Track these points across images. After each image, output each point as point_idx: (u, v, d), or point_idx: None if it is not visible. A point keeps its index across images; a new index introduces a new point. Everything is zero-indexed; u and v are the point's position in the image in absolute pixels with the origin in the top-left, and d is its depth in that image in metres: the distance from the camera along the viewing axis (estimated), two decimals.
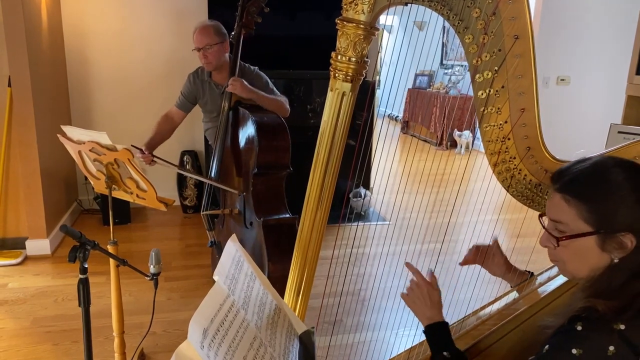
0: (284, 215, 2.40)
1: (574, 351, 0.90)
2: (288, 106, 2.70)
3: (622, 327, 0.90)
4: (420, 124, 8.38)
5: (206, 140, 4.14)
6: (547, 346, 0.95)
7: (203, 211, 2.77)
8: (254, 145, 2.40)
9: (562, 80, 5.78)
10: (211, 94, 2.84)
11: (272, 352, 0.93)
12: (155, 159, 2.60)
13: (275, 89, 2.79)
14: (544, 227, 1.05)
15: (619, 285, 0.94)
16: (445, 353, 1.11)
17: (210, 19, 2.77)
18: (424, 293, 1.20)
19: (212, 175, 2.71)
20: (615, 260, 0.96)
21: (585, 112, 5.77)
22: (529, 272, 1.42)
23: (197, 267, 3.48)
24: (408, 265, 1.27)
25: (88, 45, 4.32)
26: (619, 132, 3.91)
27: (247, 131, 2.51)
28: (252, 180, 2.43)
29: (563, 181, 1.01)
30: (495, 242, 1.43)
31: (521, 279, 1.40)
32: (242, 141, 2.58)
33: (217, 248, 2.83)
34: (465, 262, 1.45)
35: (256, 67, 2.82)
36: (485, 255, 1.42)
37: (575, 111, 5.73)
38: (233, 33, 2.67)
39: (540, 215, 1.07)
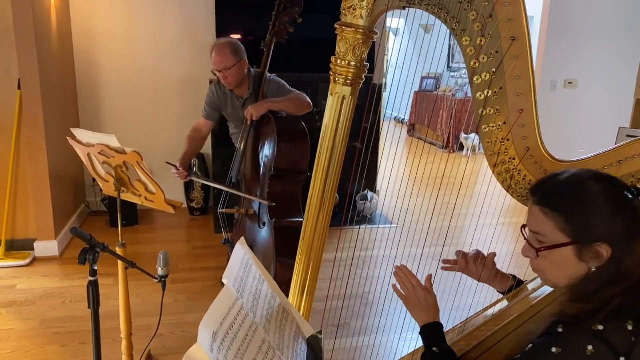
0: (297, 219, 2.41)
1: (553, 349, 0.93)
2: (308, 100, 2.69)
3: (601, 327, 0.92)
4: (427, 126, 8.38)
5: (214, 143, 4.18)
6: (530, 346, 0.99)
7: (220, 209, 2.81)
8: (273, 148, 2.43)
9: (570, 83, 5.75)
10: (233, 106, 2.89)
11: (280, 355, 0.94)
12: (188, 174, 2.76)
13: (290, 88, 2.80)
14: (525, 238, 1.08)
15: (593, 291, 0.97)
16: (434, 349, 1.16)
17: (227, 37, 2.78)
18: (420, 297, 1.24)
19: (232, 175, 2.75)
20: (593, 269, 0.99)
21: (593, 115, 5.74)
22: (512, 275, 1.43)
23: (204, 269, 3.49)
24: (400, 268, 1.29)
25: (97, 48, 4.36)
26: (628, 136, 3.89)
27: (269, 134, 2.54)
28: (269, 182, 2.46)
29: (541, 193, 1.04)
30: (492, 254, 1.44)
31: (506, 282, 1.41)
32: (263, 143, 2.62)
33: (231, 246, 2.85)
34: (449, 268, 1.46)
35: (273, 75, 2.83)
36: (474, 262, 1.42)
37: (583, 114, 5.70)
38: (265, 41, 2.68)
39: (523, 227, 1.09)
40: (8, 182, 3.49)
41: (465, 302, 1.70)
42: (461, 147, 7.56)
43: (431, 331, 1.20)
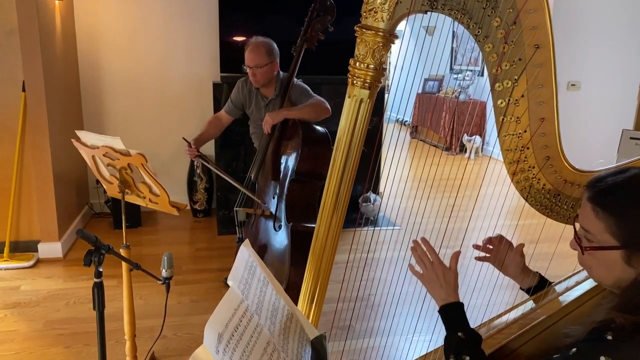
0: (312, 225, 2.42)
1: (602, 358, 0.89)
2: (327, 105, 2.69)
3: None
4: (430, 128, 8.38)
5: (218, 144, 4.18)
6: (574, 349, 0.94)
7: (236, 207, 2.84)
8: (296, 152, 2.44)
9: (573, 85, 5.75)
10: (257, 105, 2.90)
11: (285, 357, 0.93)
12: (199, 154, 2.82)
13: (312, 93, 2.81)
14: (575, 230, 1.04)
15: None
16: (460, 333, 1.10)
17: (264, 37, 2.78)
18: (438, 274, 1.19)
19: (252, 175, 2.78)
20: None
21: (596, 117, 5.74)
22: (538, 273, 1.39)
23: (208, 271, 3.49)
24: (421, 241, 1.23)
25: (100, 50, 4.36)
26: (631, 138, 3.89)
27: (293, 137, 2.55)
28: (289, 186, 2.46)
29: (595, 191, 0.99)
30: (521, 245, 1.40)
31: (532, 279, 1.37)
32: (285, 146, 2.63)
33: None
34: (481, 258, 1.42)
35: (299, 80, 2.85)
36: (503, 250, 1.38)
37: (586, 117, 5.70)
38: (295, 46, 2.69)
39: (576, 217, 1.06)
40: (12, 183, 3.50)
41: (479, 302, 1.69)
42: (464, 149, 7.55)
43: (452, 312, 1.15)
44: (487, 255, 1.42)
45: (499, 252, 1.39)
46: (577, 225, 1.04)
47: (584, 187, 1.04)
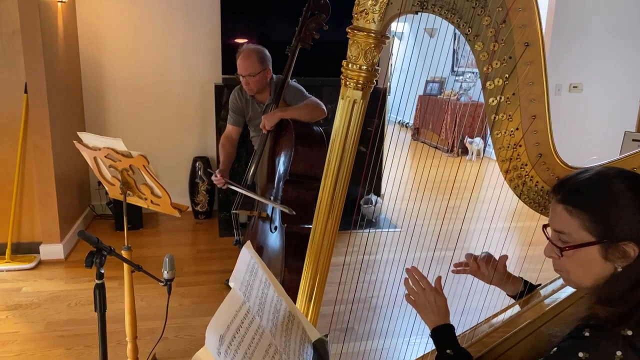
0: (308, 226, 2.42)
1: (580, 354, 0.92)
2: (322, 107, 2.67)
3: (630, 333, 0.91)
4: (431, 130, 8.38)
5: (218, 146, 4.18)
6: (555, 349, 0.97)
7: (233, 209, 2.84)
8: (290, 153, 2.44)
9: (575, 87, 5.74)
10: (253, 111, 2.91)
11: (287, 359, 0.94)
12: (228, 181, 2.80)
13: (307, 94, 2.80)
14: (547, 237, 1.06)
15: (622, 293, 0.96)
16: (448, 351, 1.14)
17: (255, 45, 2.77)
18: (430, 300, 1.22)
19: (248, 177, 2.78)
20: (619, 269, 0.97)
21: (598, 119, 5.72)
22: (522, 278, 1.42)
23: (209, 272, 3.49)
24: (412, 270, 1.28)
25: (103, 52, 4.38)
26: (634, 140, 3.88)
27: (287, 138, 2.55)
28: (283, 187, 2.46)
29: (565, 192, 1.02)
30: (504, 257, 1.42)
31: (517, 285, 1.39)
32: (280, 147, 2.63)
33: (241, 248, 2.86)
34: (460, 271, 1.43)
35: (294, 80, 2.84)
36: (485, 265, 1.40)
37: (588, 119, 5.69)
38: (289, 46, 2.68)
39: (544, 226, 1.08)
40: (14, 185, 3.51)
41: (474, 306, 1.69)
42: (465, 151, 7.55)
43: (442, 333, 1.19)
44: (466, 268, 1.43)
45: (483, 268, 1.40)
46: (549, 231, 1.06)
47: (551, 191, 1.06)
